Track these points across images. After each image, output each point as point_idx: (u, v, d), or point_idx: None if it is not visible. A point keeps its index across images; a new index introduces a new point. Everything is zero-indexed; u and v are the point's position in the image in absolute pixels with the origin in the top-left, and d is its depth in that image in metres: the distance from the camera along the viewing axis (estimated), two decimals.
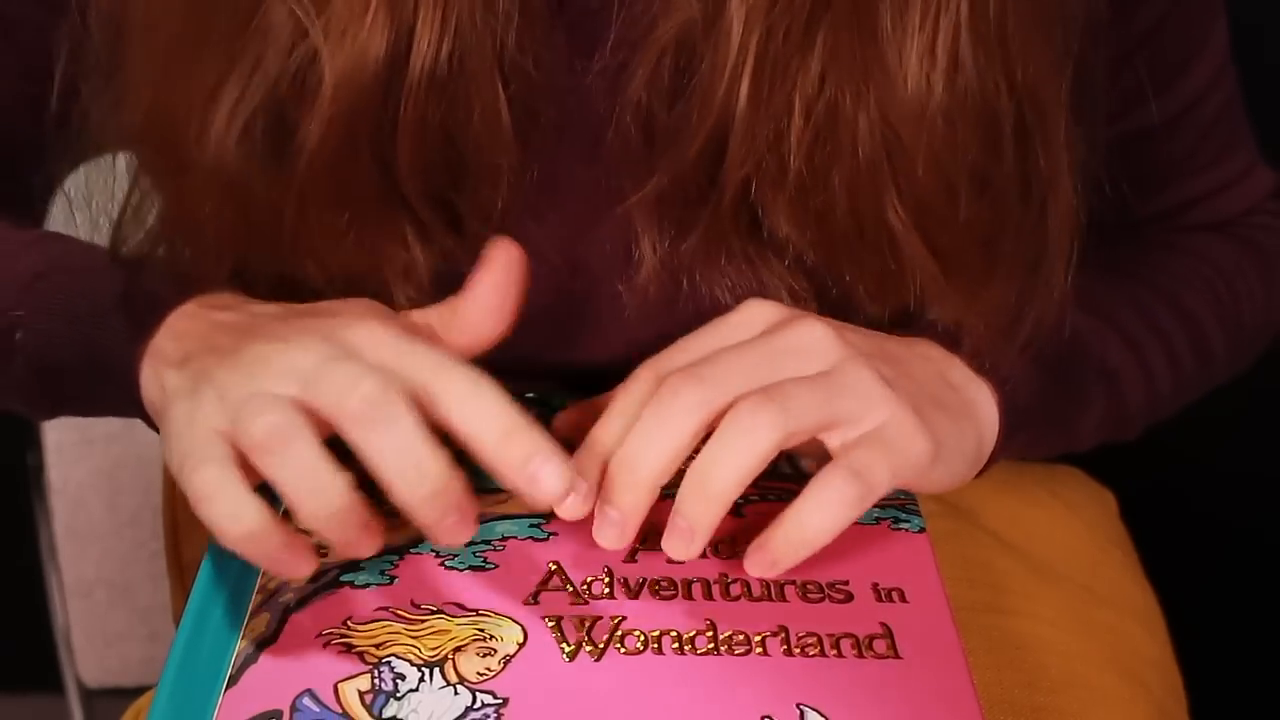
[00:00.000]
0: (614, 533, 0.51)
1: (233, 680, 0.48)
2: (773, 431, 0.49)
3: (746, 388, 0.50)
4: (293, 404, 0.47)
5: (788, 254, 0.55)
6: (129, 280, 0.57)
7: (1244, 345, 0.72)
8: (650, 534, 0.54)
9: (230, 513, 0.47)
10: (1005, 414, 0.57)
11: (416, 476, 0.47)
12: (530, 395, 0.60)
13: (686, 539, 0.51)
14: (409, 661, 0.49)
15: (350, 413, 0.47)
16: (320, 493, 0.47)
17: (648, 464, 0.50)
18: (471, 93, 0.52)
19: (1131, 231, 0.59)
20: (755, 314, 0.54)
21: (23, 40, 0.61)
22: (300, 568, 0.48)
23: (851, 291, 0.55)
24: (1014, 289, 0.55)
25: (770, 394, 0.49)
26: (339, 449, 0.48)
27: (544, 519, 0.55)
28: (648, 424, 0.50)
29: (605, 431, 0.52)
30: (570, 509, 0.51)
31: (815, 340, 0.52)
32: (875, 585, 0.53)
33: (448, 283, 0.55)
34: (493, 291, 0.54)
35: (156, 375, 0.54)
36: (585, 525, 0.55)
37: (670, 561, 0.53)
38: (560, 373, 0.60)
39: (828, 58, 0.49)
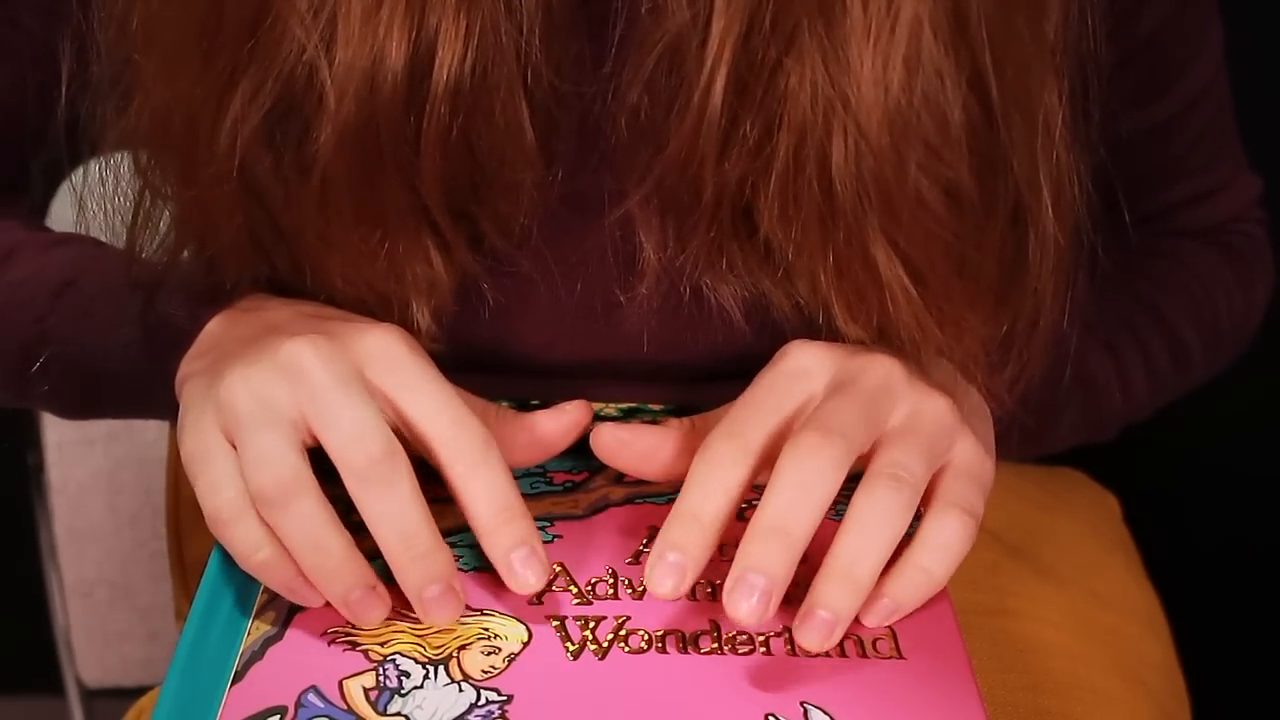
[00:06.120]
0: (761, 606, 0.47)
1: (238, 676, 0.48)
2: (906, 513, 0.49)
3: (868, 439, 0.50)
4: (297, 449, 0.49)
5: (782, 262, 0.54)
6: (151, 302, 0.58)
7: (1221, 349, 0.73)
8: (652, 535, 0.54)
9: (250, 541, 0.49)
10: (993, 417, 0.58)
11: (402, 543, 0.48)
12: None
13: (828, 631, 0.48)
14: (414, 659, 0.49)
15: (353, 468, 0.49)
16: (320, 550, 0.49)
17: (801, 526, 0.48)
18: (495, 105, 0.51)
19: (1115, 235, 0.59)
20: (808, 360, 0.53)
21: (31, 26, 0.61)
22: (315, 598, 0.50)
23: (829, 307, 0.54)
24: (997, 322, 0.54)
25: (897, 478, 0.49)
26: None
27: (548, 521, 0.55)
28: (794, 484, 0.48)
29: (699, 502, 0.50)
30: (665, 589, 0.48)
31: (891, 379, 0.52)
32: None
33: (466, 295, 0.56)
34: (548, 434, 0.56)
35: (181, 382, 0.56)
36: (589, 526, 0.55)
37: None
38: (562, 369, 0.60)
39: (804, 62, 0.49)
